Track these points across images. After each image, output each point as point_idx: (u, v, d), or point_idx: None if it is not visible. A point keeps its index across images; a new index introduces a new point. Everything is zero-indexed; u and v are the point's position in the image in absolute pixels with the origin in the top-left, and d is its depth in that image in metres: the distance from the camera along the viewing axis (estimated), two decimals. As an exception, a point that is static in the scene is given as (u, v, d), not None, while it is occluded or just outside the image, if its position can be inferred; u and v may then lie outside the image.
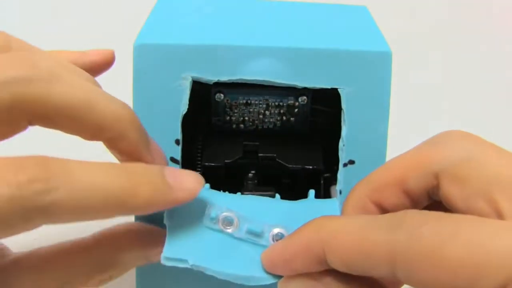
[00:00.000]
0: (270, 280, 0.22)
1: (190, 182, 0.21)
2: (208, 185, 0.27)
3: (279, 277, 0.22)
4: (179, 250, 0.22)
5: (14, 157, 0.17)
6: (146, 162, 0.22)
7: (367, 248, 0.18)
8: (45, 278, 0.21)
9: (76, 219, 0.18)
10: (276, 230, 0.23)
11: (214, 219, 0.23)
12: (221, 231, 0.23)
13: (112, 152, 0.22)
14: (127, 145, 0.21)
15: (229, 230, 0.23)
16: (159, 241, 0.22)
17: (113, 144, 0.21)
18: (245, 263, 0.22)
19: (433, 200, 0.21)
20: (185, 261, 0.22)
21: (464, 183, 0.19)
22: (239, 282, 0.22)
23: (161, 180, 0.20)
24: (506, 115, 0.49)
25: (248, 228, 0.23)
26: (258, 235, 0.23)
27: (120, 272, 0.23)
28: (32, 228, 0.17)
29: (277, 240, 0.23)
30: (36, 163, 0.17)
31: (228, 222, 0.23)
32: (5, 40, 0.21)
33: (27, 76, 0.18)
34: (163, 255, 0.21)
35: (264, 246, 0.23)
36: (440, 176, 0.20)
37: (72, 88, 0.19)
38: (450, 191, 0.20)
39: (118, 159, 0.22)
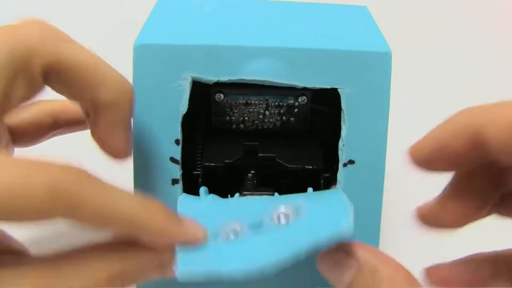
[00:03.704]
0: (282, 262, 0.21)
1: (197, 226, 0.23)
2: (206, 188, 0.27)
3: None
4: (192, 263, 0.21)
5: (63, 161, 0.19)
6: (121, 142, 0.24)
7: None
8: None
9: (90, 224, 0.20)
10: (280, 210, 0.23)
11: (217, 234, 0.22)
12: (226, 241, 0.22)
13: (93, 128, 0.24)
14: (117, 115, 0.23)
15: (234, 238, 0.22)
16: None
17: (103, 109, 0.23)
18: (254, 253, 0.21)
19: None
20: (199, 271, 0.21)
21: None
22: (254, 275, 0.21)
23: (174, 215, 0.22)
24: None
25: (249, 223, 0.23)
26: (259, 224, 0.23)
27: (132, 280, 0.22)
28: (50, 219, 0.19)
29: (284, 220, 0.23)
30: (79, 169, 0.19)
31: (232, 232, 0.23)
32: None
33: (41, 34, 0.21)
34: (177, 271, 0.21)
35: (268, 230, 0.22)
36: None
37: (81, 50, 0.22)
38: None
39: (96, 139, 0.24)
